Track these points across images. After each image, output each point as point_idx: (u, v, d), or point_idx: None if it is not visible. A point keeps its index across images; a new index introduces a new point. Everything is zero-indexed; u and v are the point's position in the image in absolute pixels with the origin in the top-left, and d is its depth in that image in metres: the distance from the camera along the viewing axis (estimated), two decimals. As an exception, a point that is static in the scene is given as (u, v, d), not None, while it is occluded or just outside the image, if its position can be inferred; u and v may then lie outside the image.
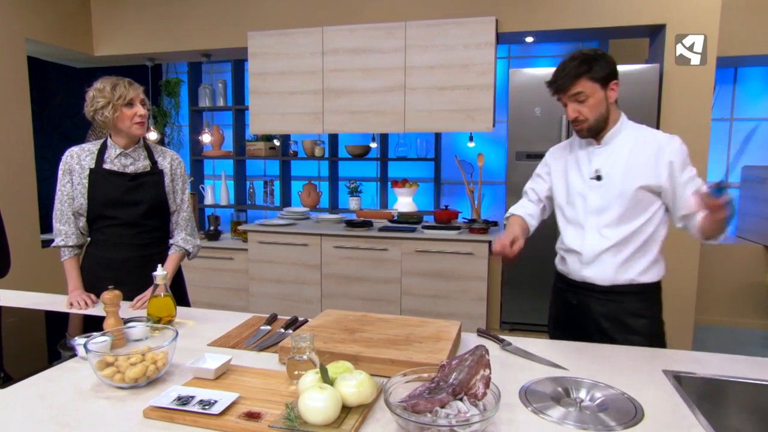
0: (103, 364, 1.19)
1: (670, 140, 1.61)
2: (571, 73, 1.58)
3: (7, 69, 3.77)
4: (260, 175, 5.12)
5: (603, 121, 1.63)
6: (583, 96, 1.59)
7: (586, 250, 1.68)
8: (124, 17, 4.38)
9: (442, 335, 1.41)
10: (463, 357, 1.11)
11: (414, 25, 3.56)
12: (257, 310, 3.92)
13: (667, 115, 3.34)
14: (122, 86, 1.84)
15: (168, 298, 1.61)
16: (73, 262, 1.97)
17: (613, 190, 1.63)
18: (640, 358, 1.42)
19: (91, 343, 1.27)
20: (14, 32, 3.82)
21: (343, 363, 1.15)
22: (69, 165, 1.93)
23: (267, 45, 3.88)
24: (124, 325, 1.48)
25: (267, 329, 1.59)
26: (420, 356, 1.26)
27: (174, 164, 2.04)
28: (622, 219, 1.63)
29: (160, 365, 1.22)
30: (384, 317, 1.57)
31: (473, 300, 3.45)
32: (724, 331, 4.16)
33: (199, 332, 1.59)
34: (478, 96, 3.49)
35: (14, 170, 3.83)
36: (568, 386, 1.21)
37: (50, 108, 4.79)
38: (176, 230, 2.06)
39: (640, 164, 1.61)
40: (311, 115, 3.86)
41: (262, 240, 3.84)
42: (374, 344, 1.34)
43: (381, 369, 1.25)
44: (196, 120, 4.93)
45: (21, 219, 3.88)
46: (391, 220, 3.96)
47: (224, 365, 1.24)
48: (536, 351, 1.45)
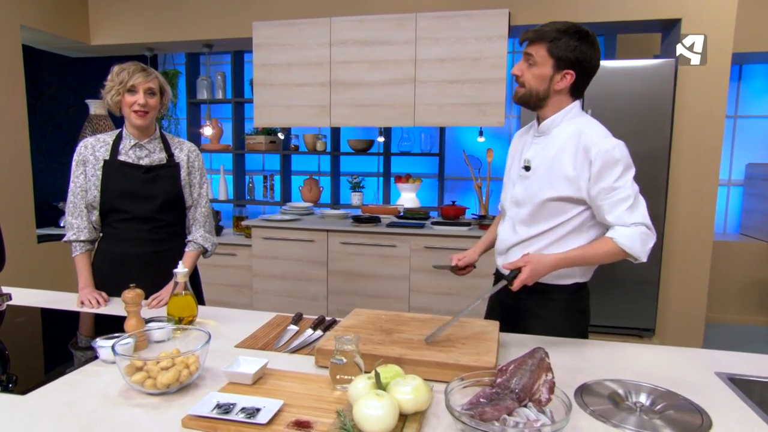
0: (132, 369, 1.12)
1: (602, 141, 1.43)
2: (538, 33, 1.47)
3: (1, 56, 3.63)
4: (260, 169, 5.02)
5: (536, 98, 1.50)
6: (532, 60, 1.48)
7: (501, 240, 1.67)
8: (122, 5, 4.24)
9: (484, 336, 1.35)
10: (522, 360, 1.05)
11: (425, 16, 3.49)
12: (261, 308, 3.83)
13: (681, 112, 3.30)
14: (127, 71, 1.77)
15: (189, 296, 1.53)
16: (84, 258, 1.88)
17: (532, 187, 1.54)
18: (684, 359, 1.37)
19: (117, 346, 1.19)
20: (9, 18, 3.68)
21: (392, 367, 1.08)
22: (83, 156, 1.84)
23: (272, 35, 3.78)
24: (145, 326, 1.41)
25: (295, 329, 1.52)
26: (467, 358, 1.20)
27: (191, 157, 1.95)
28: (536, 217, 1.54)
29: (192, 370, 1.14)
30: (418, 317, 1.51)
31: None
32: (731, 328, 4.16)
33: (224, 333, 1.51)
34: (489, 90, 3.43)
35: (9, 163, 3.70)
36: (624, 389, 1.16)
37: (44, 99, 4.64)
38: (194, 226, 1.97)
39: (564, 162, 1.47)
40: (318, 107, 3.77)
41: (266, 236, 3.75)
42: (416, 346, 1.28)
43: (427, 372, 1.19)
44: (194, 113, 4.81)
45: (16, 213, 3.75)
46: (397, 216, 3.90)
47: (261, 369, 1.17)
48: (566, 350, 1.39)
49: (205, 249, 1.97)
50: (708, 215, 3.38)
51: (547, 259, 1.41)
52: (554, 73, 1.47)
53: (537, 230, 1.55)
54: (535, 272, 1.38)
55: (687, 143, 3.33)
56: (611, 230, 1.45)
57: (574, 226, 1.52)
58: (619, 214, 1.42)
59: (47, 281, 3.94)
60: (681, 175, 3.36)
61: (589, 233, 1.53)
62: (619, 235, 1.42)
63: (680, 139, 3.33)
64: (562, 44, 1.43)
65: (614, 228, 1.44)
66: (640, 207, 1.44)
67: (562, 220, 1.52)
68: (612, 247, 1.42)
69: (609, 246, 1.43)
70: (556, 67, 1.46)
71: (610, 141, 1.45)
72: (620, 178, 1.42)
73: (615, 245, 1.42)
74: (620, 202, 1.42)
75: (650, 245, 1.43)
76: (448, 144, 4.37)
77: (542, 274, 1.41)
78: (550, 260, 1.41)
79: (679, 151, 3.34)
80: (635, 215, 1.42)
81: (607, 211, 1.44)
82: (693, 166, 3.34)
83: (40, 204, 4.49)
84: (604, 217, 1.46)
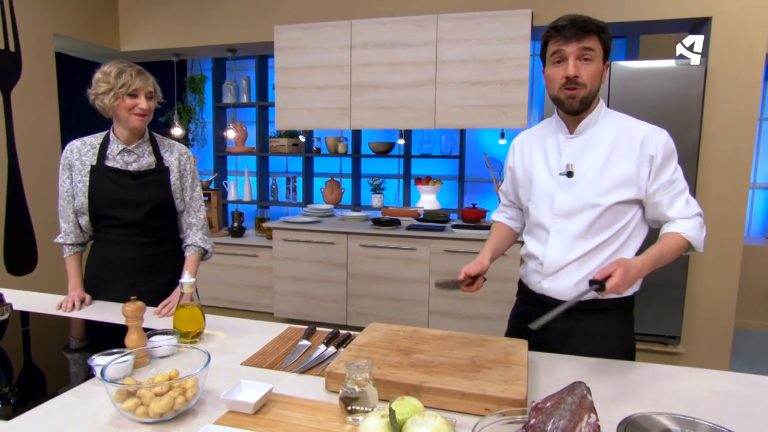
0: (123, 395, 0.96)
1: (656, 133, 1.30)
2: (590, 25, 1.25)
3: (35, 64, 3.56)
4: (283, 171, 4.89)
5: (592, 98, 1.30)
6: (590, 55, 1.25)
7: (548, 260, 1.38)
8: (150, 12, 4.16)
9: (512, 358, 1.16)
10: (560, 397, 0.86)
11: (446, 17, 3.29)
12: (282, 309, 3.70)
13: (710, 113, 3.04)
14: (128, 74, 1.60)
15: (197, 308, 1.38)
16: (72, 260, 1.77)
17: (587, 193, 1.31)
18: (751, 387, 1.16)
19: (111, 366, 1.04)
20: (43, 27, 3.62)
21: (409, 400, 0.91)
22: (69, 160, 1.71)
23: (294, 39, 3.63)
24: (147, 341, 1.26)
25: (306, 345, 1.35)
26: (494, 387, 1.02)
27: (182, 160, 1.79)
28: (594, 228, 1.32)
29: (189, 396, 0.99)
30: (438, 333, 1.33)
31: (505, 302, 3.19)
32: (758, 335, 3.86)
33: (231, 347, 1.36)
34: (512, 91, 3.22)
35: (41, 166, 3.64)
36: (679, 427, 0.96)
37: (78, 104, 4.59)
38: (191, 230, 1.81)
39: (621, 162, 1.29)
40: (338, 110, 3.61)
41: (286, 237, 3.61)
42: (436, 370, 1.10)
43: (448, 403, 1.01)
44: (220, 116, 4.71)
45: (49, 214, 3.68)
46: (417, 219, 3.71)
47: (265, 396, 1.01)
48: (605, 374, 1.19)
49: (206, 251, 1.83)
50: (738, 219, 3.11)
51: (634, 262, 1.19)
52: (603, 66, 1.30)
53: (596, 242, 1.33)
54: (628, 276, 1.15)
55: (717, 145, 3.06)
56: (673, 224, 1.30)
57: (631, 231, 1.35)
58: (680, 209, 1.30)
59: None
60: (710, 178, 3.10)
61: (641, 235, 1.37)
62: (684, 228, 1.29)
63: (710, 141, 3.07)
64: (607, 34, 1.27)
65: (675, 222, 1.30)
66: (692, 197, 1.32)
67: (620, 226, 1.33)
68: (683, 242, 1.29)
69: (680, 241, 1.29)
70: (605, 59, 1.29)
71: (661, 132, 1.31)
72: (676, 170, 1.31)
73: (684, 239, 1.28)
74: (679, 195, 1.31)
75: (705, 234, 1.32)
76: (469, 146, 4.17)
77: (634, 279, 1.17)
78: (638, 263, 1.19)
79: (709, 154, 3.08)
80: (693, 206, 1.31)
81: (668, 206, 1.30)
82: (723, 169, 3.07)
83: (73, 205, 4.44)
84: (663, 212, 1.31)
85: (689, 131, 3.00)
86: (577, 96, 1.28)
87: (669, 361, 3.20)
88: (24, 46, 3.47)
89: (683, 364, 3.20)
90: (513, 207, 1.60)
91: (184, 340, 1.35)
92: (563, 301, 1.36)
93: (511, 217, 1.60)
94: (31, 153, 3.55)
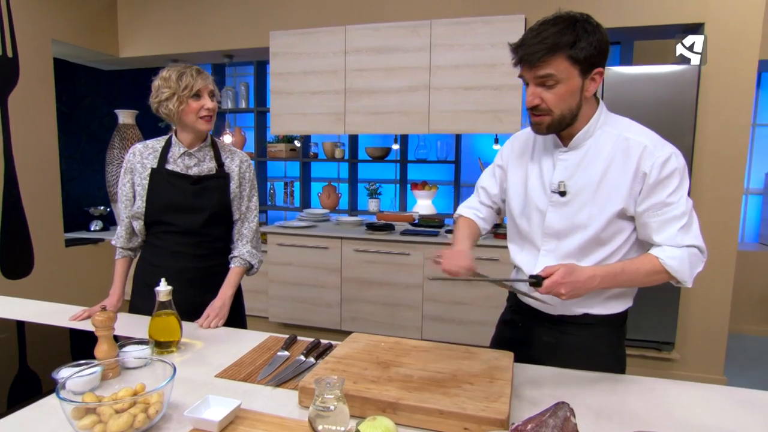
0: (81, 412, 0.89)
1: (657, 148, 1.13)
2: (548, 44, 1.06)
3: (33, 69, 3.50)
4: (281, 176, 4.82)
5: (570, 117, 1.14)
6: (552, 80, 1.09)
7: None
8: (148, 18, 4.10)
9: (496, 373, 1.08)
10: (541, 420, 0.78)
11: (440, 23, 3.23)
12: (276, 313, 3.62)
13: (704, 119, 2.96)
14: (189, 75, 1.52)
15: (172, 317, 1.30)
16: (120, 264, 1.68)
17: (581, 215, 1.18)
18: (747, 401, 1.08)
19: (73, 379, 0.96)
20: (41, 33, 3.56)
21: (381, 421, 0.83)
22: (131, 164, 1.62)
23: (289, 44, 3.57)
24: (119, 352, 1.18)
25: (285, 356, 1.28)
26: (475, 405, 0.94)
27: (243, 167, 1.69)
28: (586, 249, 1.20)
29: (151, 413, 0.91)
30: (420, 345, 1.25)
31: (497, 307, 3.09)
32: (751, 340, 3.77)
33: (208, 357, 1.28)
34: (505, 97, 3.15)
35: (39, 170, 3.57)
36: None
37: (79, 110, 4.54)
38: (240, 241, 1.69)
39: (616, 181, 1.15)
40: (333, 115, 3.54)
41: (281, 242, 3.54)
42: (415, 385, 1.02)
43: (426, 421, 0.93)
44: (219, 122, 4.64)
45: (45, 218, 3.62)
46: (412, 223, 3.63)
47: (232, 413, 0.93)
48: (591, 388, 1.11)
49: (251, 265, 1.70)
50: (732, 224, 3.03)
51: (583, 269, 1.08)
52: (583, 80, 1.12)
53: (589, 262, 1.20)
54: (570, 278, 1.04)
55: (710, 151, 2.99)
56: (657, 249, 1.14)
57: (626, 251, 1.22)
58: (670, 235, 1.13)
59: (75, 285, 3.80)
60: (704, 184, 3.02)
61: (636, 254, 1.23)
62: (666, 255, 1.12)
63: (703, 146, 2.99)
64: (583, 44, 1.07)
65: (662, 247, 1.14)
66: (694, 227, 1.14)
67: (615, 247, 1.20)
68: (656, 267, 1.12)
69: (654, 265, 1.13)
70: (584, 73, 1.11)
71: (664, 148, 1.13)
72: (675, 193, 1.12)
73: (660, 265, 1.12)
74: (672, 221, 1.13)
75: (699, 269, 1.13)
76: (464, 151, 4.10)
77: (580, 286, 1.06)
78: (588, 271, 1.08)
79: (702, 159, 3.00)
80: (689, 237, 1.13)
81: (656, 230, 1.14)
82: (716, 175, 2.99)
83: (73, 209, 4.38)
84: (650, 236, 1.15)
85: (683, 137, 2.91)
86: (542, 123, 1.15)
87: (663, 367, 3.11)
88: (22, 52, 3.42)
89: (677, 369, 3.12)
90: (489, 208, 1.44)
91: (159, 350, 1.28)
92: (551, 315, 1.29)
93: (483, 218, 1.43)
94: (28, 158, 3.49)
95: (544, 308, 1.29)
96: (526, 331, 1.36)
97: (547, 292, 1.06)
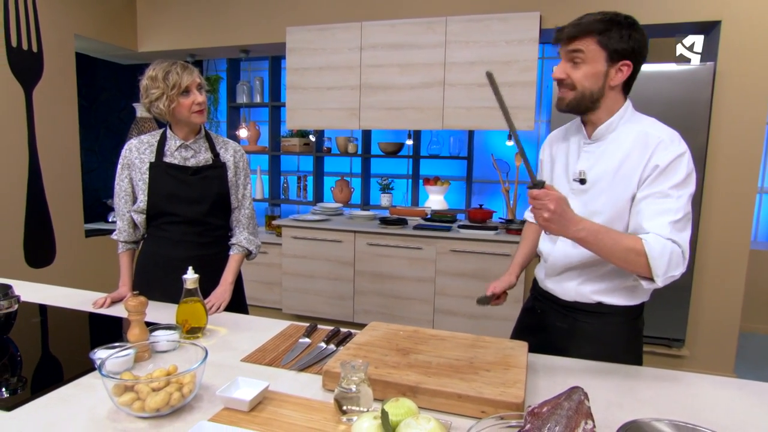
0: (121, 389, 0.95)
1: (672, 143, 1.17)
2: (582, 26, 1.18)
3: (57, 64, 3.59)
4: (294, 170, 4.88)
5: (590, 101, 1.22)
6: (580, 57, 1.18)
7: (553, 260, 1.36)
8: (167, 13, 4.17)
9: (511, 360, 1.12)
10: (557, 402, 0.82)
11: (455, 20, 3.25)
12: (290, 305, 3.68)
13: (718, 117, 2.96)
14: (175, 73, 1.55)
15: (199, 303, 1.36)
16: (124, 257, 1.74)
17: (597, 201, 1.24)
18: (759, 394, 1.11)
19: (111, 360, 1.02)
20: (64, 28, 3.64)
21: (403, 402, 0.87)
22: (128, 159, 1.66)
23: (305, 40, 3.61)
24: (149, 335, 1.24)
25: (307, 342, 1.33)
26: (491, 390, 0.98)
27: (237, 156, 1.75)
28: None
29: (186, 392, 0.96)
30: (438, 334, 1.29)
31: (509, 303, 3.13)
32: (763, 339, 3.77)
33: (232, 343, 1.34)
34: (519, 93, 3.17)
35: (61, 162, 3.66)
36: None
37: (98, 103, 4.63)
38: (238, 228, 1.77)
39: (633, 168, 1.20)
40: (347, 110, 3.58)
41: (295, 235, 3.59)
42: (434, 371, 1.06)
43: (445, 404, 0.98)
44: (233, 116, 4.71)
45: (67, 209, 3.71)
46: (424, 218, 3.67)
47: (261, 394, 0.98)
48: (605, 378, 1.15)
49: (250, 252, 1.77)
50: (745, 223, 3.03)
51: (576, 214, 1.11)
52: (608, 67, 1.19)
53: None
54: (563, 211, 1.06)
55: (725, 149, 2.98)
56: (644, 234, 1.14)
57: None
58: (660, 224, 1.13)
59: (94, 273, 3.90)
60: (717, 182, 3.02)
61: None
62: (651, 239, 1.11)
63: (718, 145, 2.99)
64: (614, 34, 1.16)
65: (649, 234, 1.13)
66: (686, 230, 1.15)
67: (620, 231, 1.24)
68: (637, 246, 1.11)
69: (635, 243, 1.11)
70: (610, 60, 1.18)
71: (679, 146, 1.18)
72: (677, 188, 1.15)
73: (641, 246, 1.11)
74: (667, 213, 1.13)
75: (676, 273, 1.11)
76: (477, 147, 4.12)
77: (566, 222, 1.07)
78: (579, 217, 1.10)
79: (716, 158, 3.00)
80: (678, 234, 1.13)
81: (648, 218, 1.15)
82: (730, 173, 2.99)
83: (92, 200, 4.48)
84: (641, 223, 1.16)
85: (697, 135, 2.92)
86: (564, 98, 1.24)
87: (673, 363, 3.13)
88: (46, 47, 3.50)
89: (687, 367, 3.13)
90: None
91: (186, 335, 1.34)
92: (566, 301, 1.34)
93: None
94: (51, 151, 3.58)
95: (560, 295, 1.36)
96: (544, 316, 1.43)
97: (540, 198, 1.06)
